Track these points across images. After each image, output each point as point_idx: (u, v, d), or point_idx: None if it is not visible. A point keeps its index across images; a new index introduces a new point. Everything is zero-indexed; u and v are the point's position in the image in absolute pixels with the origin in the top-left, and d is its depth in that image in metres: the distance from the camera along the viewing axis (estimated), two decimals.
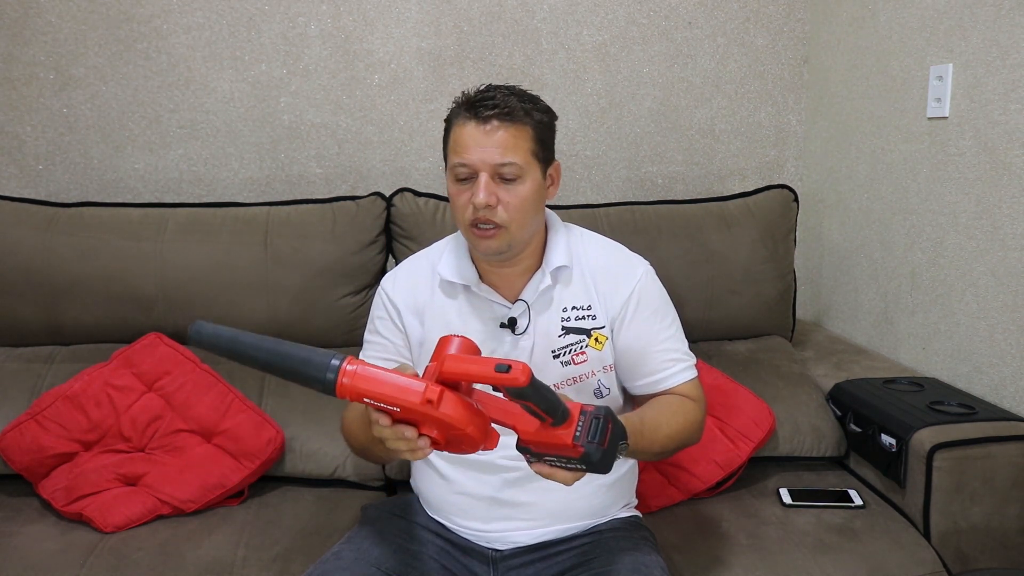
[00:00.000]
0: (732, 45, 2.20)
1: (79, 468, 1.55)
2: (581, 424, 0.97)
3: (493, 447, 0.99)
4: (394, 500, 1.42)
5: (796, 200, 1.97)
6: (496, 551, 1.27)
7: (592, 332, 1.26)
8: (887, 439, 1.53)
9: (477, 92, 1.20)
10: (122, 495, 1.51)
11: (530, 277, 1.27)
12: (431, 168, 2.15)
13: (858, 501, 1.54)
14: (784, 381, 1.78)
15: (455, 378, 0.94)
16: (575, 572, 1.21)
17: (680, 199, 2.02)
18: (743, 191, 2.02)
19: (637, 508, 1.38)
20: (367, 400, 0.93)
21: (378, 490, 1.66)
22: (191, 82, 2.06)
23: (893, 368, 1.83)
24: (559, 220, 1.33)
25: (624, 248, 1.35)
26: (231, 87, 2.08)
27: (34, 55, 2.00)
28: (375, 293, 1.37)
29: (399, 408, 0.93)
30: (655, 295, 1.31)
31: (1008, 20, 1.53)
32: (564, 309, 1.26)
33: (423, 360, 1.25)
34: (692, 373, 1.31)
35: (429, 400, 0.92)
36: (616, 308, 1.27)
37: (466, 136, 1.18)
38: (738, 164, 2.25)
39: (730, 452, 1.60)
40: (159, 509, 1.51)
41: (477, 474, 1.26)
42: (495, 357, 0.94)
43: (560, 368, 1.25)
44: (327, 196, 1.99)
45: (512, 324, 1.25)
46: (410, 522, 1.32)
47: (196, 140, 2.09)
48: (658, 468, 1.58)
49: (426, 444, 0.96)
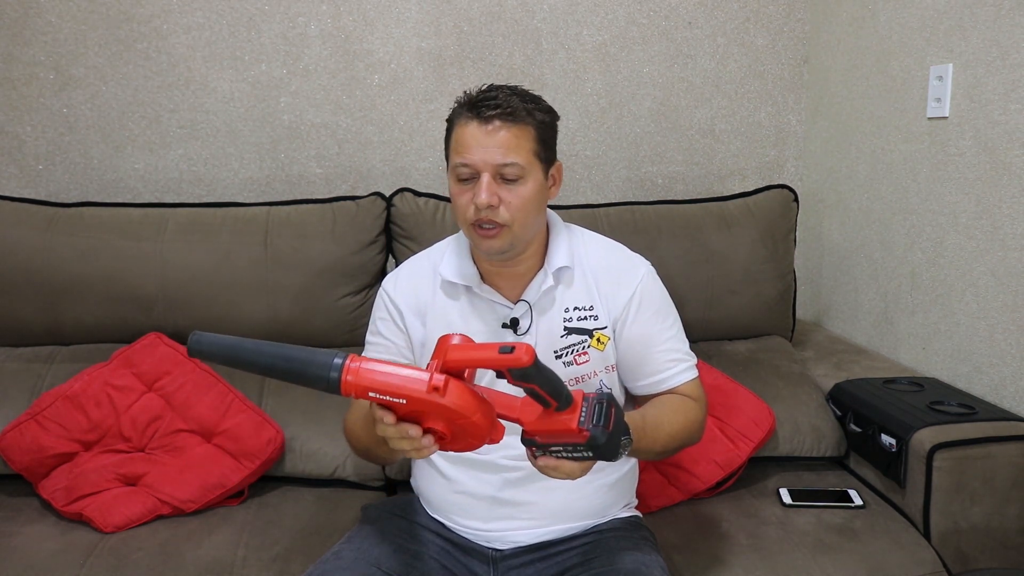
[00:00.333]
0: (732, 45, 2.20)
1: (79, 468, 1.55)
2: (585, 409, 0.97)
3: (499, 439, 0.98)
4: (394, 500, 1.42)
5: (796, 200, 1.97)
6: (496, 551, 1.27)
7: (594, 332, 1.26)
8: (887, 439, 1.53)
9: (479, 92, 1.20)
10: (122, 495, 1.51)
11: (532, 277, 1.27)
12: (431, 168, 2.15)
13: (858, 501, 1.54)
14: (784, 381, 1.78)
15: (459, 366, 0.94)
16: (575, 572, 1.21)
17: (680, 199, 2.02)
18: (743, 191, 2.02)
19: (637, 508, 1.38)
20: (372, 395, 0.92)
21: (378, 490, 1.66)
22: (191, 82, 2.06)
23: (893, 368, 1.83)
24: (560, 220, 1.33)
25: (625, 248, 1.35)
26: (231, 87, 2.08)
27: (34, 55, 2.00)
28: (376, 294, 1.38)
29: (405, 399, 0.92)
30: (657, 295, 1.31)
31: (1008, 20, 1.53)
32: (566, 309, 1.26)
33: (425, 361, 1.25)
34: (693, 373, 1.31)
35: (435, 388, 0.91)
36: (618, 309, 1.27)
37: (468, 136, 1.18)
38: (738, 164, 2.26)
39: (730, 452, 1.60)
40: (159, 509, 1.51)
41: (478, 473, 1.26)
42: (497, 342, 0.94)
43: (562, 368, 1.25)
44: (327, 196, 1.99)
45: (514, 324, 1.25)
46: (410, 522, 1.32)
47: (196, 140, 2.09)
48: (658, 468, 1.58)
49: (430, 442, 0.95)
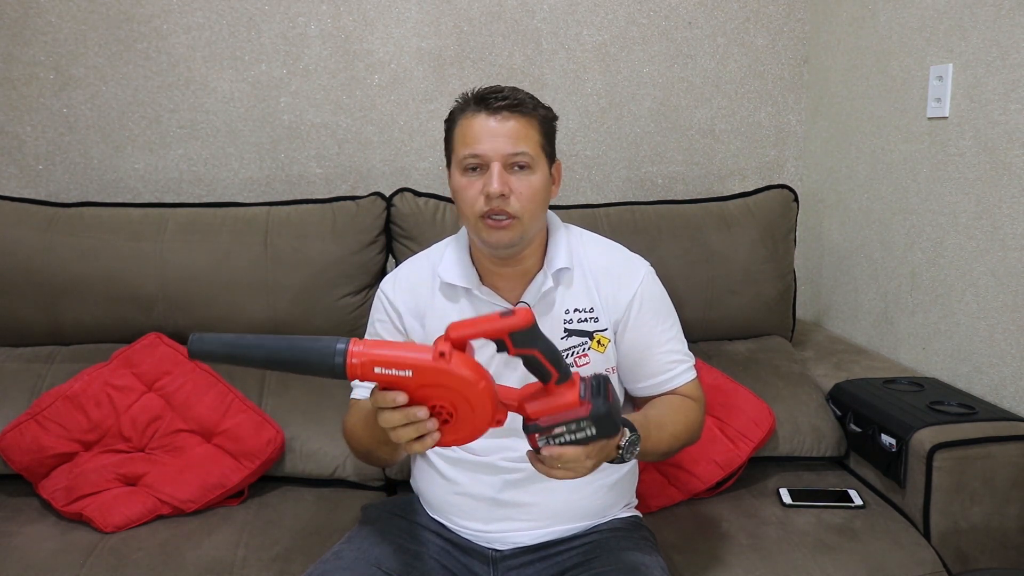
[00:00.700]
0: (732, 45, 2.20)
1: (79, 468, 1.55)
2: (583, 385, 1.00)
3: (503, 420, 0.98)
4: (394, 500, 1.42)
5: (796, 200, 1.97)
6: (496, 551, 1.27)
7: (594, 334, 1.26)
8: (887, 439, 1.53)
9: (484, 88, 1.21)
10: (122, 495, 1.51)
11: (531, 279, 1.26)
12: (431, 168, 2.15)
13: (858, 501, 1.54)
14: (784, 381, 1.78)
15: (463, 338, 0.95)
16: (575, 572, 1.21)
17: (680, 199, 2.02)
18: (743, 191, 2.02)
19: (637, 508, 1.38)
20: (378, 370, 0.92)
21: (378, 490, 1.66)
22: (191, 82, 2.06)
23: (893, 368, 1.83)
24: (559, 221, 1.33)
25: (624, 248, 1.35)
26: (231, 87, 2.08)
27: (34, 55, 2.00)
28: (375, 295, 1.37)
29: (411, 370, 0.92)
30: (657, 297, 1.31)
31: (1008, 20, 1.53)
32: (566, 311, 1.26)
33: None
34: (693, 374, 1.32)
35: (441, 353, 0.92)
36: (619, 311, 1.27)
37: (477, 127, 1.17)
38: (738, 164, 2.26)
39: (730, 452, 1.60)
40: (159, 509, 1.51)
41: (478, 475, 1.26)
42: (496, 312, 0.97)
43: None
44: (327, 196, 1.99)
45: None
46: (410, 522, 1.32)
47: (196, 140, 2.09)
48: (658, 468, 1.58)
49: (435, 426, 0.95)
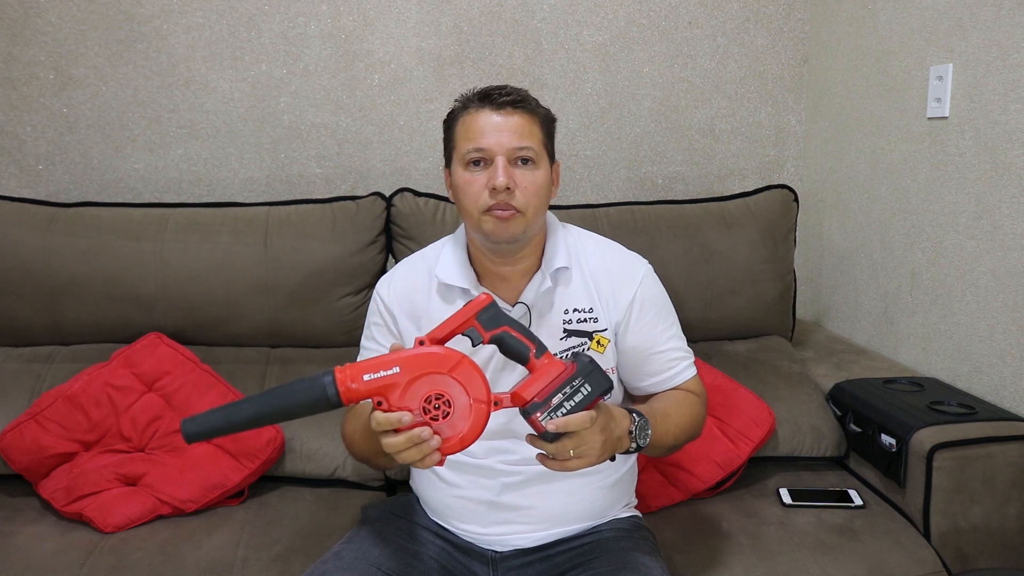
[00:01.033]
0: (732, 45, 2.20)
1: (79, 468, 1.55)
2: (559, 354, 1.11)
3: (501, 403, 1.01)
4: (394, 500, 1.42)
5: (796, 200, 1.97)
6: (496, 552, 1.26)
7: (594, 335, 1.25)
8: (887, 439, 1.53)
9: (484, 87, 1.21)
10: (122, 495, 1.51)
11: (530, 279, 1.26)
12: (431, 168, 2.15)
13: (858, 501, 1.54)
14: (784, 381, 1.78)
15: (437, 335, 1.02)
16: (575, 572, 1.21)
17: (680, 199, 2.02)
18: (743, 191, 2.02)
19: (637, 508, 1.38)
20: (368, 377, 0.96)
21: (378, 490, 1.66)
22: (191, 82, 2.06)
23: (893, 368, 1.83)
24: (557, 220, 1.32)
25: (622, 247, 1.35)
26: (231, 87, 2.08)
27: (34, 55, 2.01)
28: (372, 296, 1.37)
29: (398, 366, 0.96)
30: (657, 296, 1.31)
31: (1008, 20, 1.53)
32: (565, 311, 1.25)
33: None
34: (694, 370, 1.32)
35: (420, 342, 0.99)
36: (620, 312, 1.27)
37: (482, 121, 1.18)
38: (738, 164, 2.26)
39: (730, 452, 1.60)
40: (159, 509, 1.51)
41: (476, 478, 1.25)
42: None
43: None
44: (327, 196, 1.99)
45: None
46: (410, 522, 1.32)
47: (196, 140, 2.09)
48: (658, 468, 1.58)
49: (438, 443, 0.97)
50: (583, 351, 1.24)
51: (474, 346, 1.05)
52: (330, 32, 2.08)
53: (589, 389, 1.01)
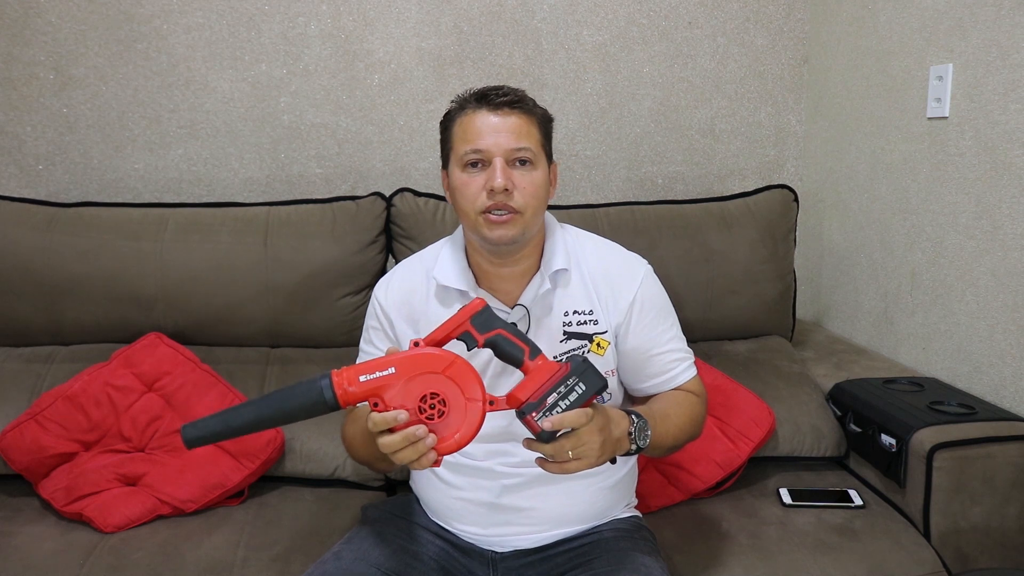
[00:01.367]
0: (732, 45, 2.20)
1: (79, 468, 1.55)
2: (558, 357, 1.12)
3: (496, 403, 1.01)
4: (394, 500, 1.42)
5: (796, 200, 1.97)
6: (496, 553, 1.26)
7: (594, 337, 1.24)
8: (887, 439, 1.53)
9: (480, 88, 1.20)
10: (122, 495, 1.51)
11: (528, 280, 1.25)
12: (431, 168, 2.15)
13: (858, 501, 1.54)
14: (784, 381, 1.78)
15: (432, 339, 1.04)
16: (575, 572, 1.21)
17: (680, 199, 2.02)
18: (743, 191, 2.02)
19: (637, 508, 1.38)
20: (364, 378, 0.97)
21: (378, 490, 1.66)
22: (191, 82, 2.06)
23: (893, 368, 1.83)
24: (556, 221, 1.32)
25: (621, 248, 1.34)
26: (231, 87, 2.08)
27: (34, 55, 2.01)
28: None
29: (394, 367, 0.97)
30: (657, 297, 1.30)
31: (1008, 20, 1.53)
32: (565, 313, 1.24)
33: None
34: (694, 370, 1.31)
35: (415, 343, 1.01)
36: (620, 314, 1.26)
37: (479, 122, 1.17)
38: (738, 164, 2.26)
39: (730, 452, 1.60)
40: (159, 509, 1.51)
41: (476, 480, 1.25)
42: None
43: None
44: (327, 196, 1.99)
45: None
46: (410, 523, 1.32)
47: (196, 140, 2.09)
48: (658, 468, 1.58)
49: (433, 442, 0.98)
50: (583, 354, 1.24)
51: (469, 350, 1.05)
52: (330, 32, 2.08)
53: (584, 388, 1.01)
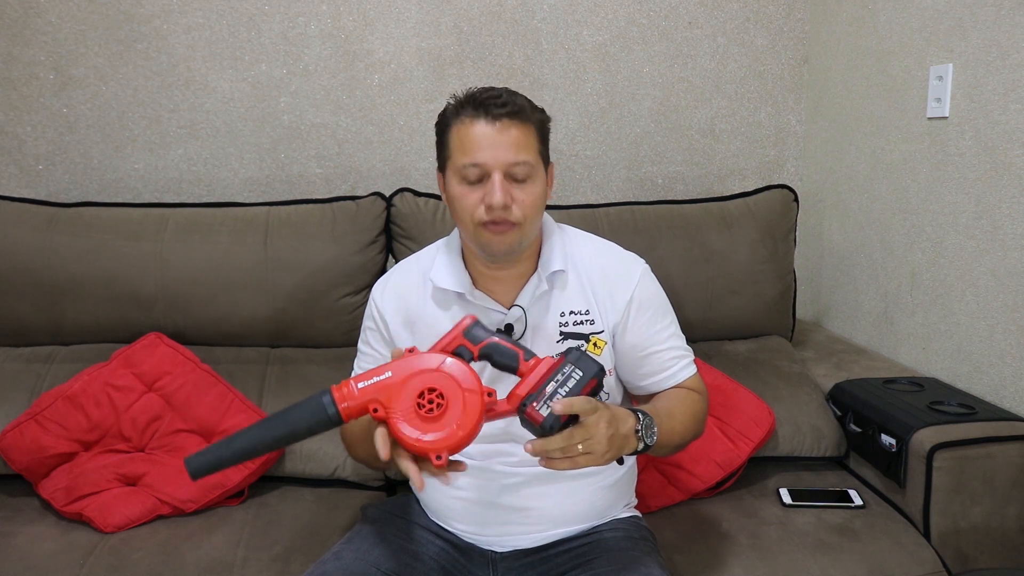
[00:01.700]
0: (732, 45, 2.20)
1: (79, 468, 1.55)
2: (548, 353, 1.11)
3: (495, 395, 1.01)
4: (394, 500, 1.42)
5: (796, 200, 1.97)
6: (496, 553, 1.27)
7: (591, 337, 1.24)
8: (887, 439, 1.53)
9: (479, 91, 1.17)
10: (122, 495, 1.51)
11: (525, 282, 1.25)
12: (431, 168, 2.15)
13: (858, 501, 1.54)
14: (784, 381, 1.78)
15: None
16: (575, 573, 1.21)
17: (680, 199, 2.02)
18: (743, 191, 2.02)
19: (637, 508, 1.38)
20: (362, 384, 0.98)
21: (378, 490, 1.66)
22: (191, 82, 2.06)
23: (893, 368, 1.83)
24: (553, 222, 1.31)
25: (618, 248, 1.34)
26: (231, 87, 2.08)
27: (34, 55, 2.01)
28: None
29: (390, 371, 0.99)
30: (654, 295, 1.30)
31: (1008, 20, 1.53)
32: (562, 314, 1.24)
33: None
34: (694, 368, 1.31)
35: (410, 350, 1.02)
36: (617, 314, 1.26)
37: (476, 135, 1.14)
38: (738, 164, 2.26)
39: (730, 452, 1.60)
40: (159, 509, 1.51)
41: (476, 480, 1.25)
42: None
43: None
44: (327, 196, 1.99)
45: (508, 331, 1.23)
46: (410, 523, 1.32)
47: (196, 140, 2.09)
48: (658, 468, 1.58)
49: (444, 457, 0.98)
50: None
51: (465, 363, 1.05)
52: (330, 32, 2.08)
53: (580, 373, 1.02)
